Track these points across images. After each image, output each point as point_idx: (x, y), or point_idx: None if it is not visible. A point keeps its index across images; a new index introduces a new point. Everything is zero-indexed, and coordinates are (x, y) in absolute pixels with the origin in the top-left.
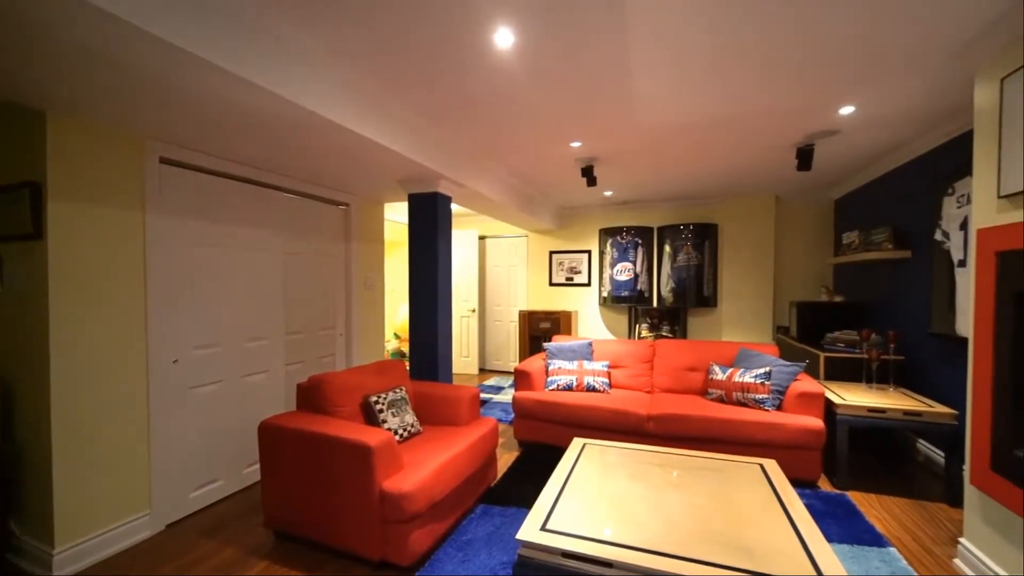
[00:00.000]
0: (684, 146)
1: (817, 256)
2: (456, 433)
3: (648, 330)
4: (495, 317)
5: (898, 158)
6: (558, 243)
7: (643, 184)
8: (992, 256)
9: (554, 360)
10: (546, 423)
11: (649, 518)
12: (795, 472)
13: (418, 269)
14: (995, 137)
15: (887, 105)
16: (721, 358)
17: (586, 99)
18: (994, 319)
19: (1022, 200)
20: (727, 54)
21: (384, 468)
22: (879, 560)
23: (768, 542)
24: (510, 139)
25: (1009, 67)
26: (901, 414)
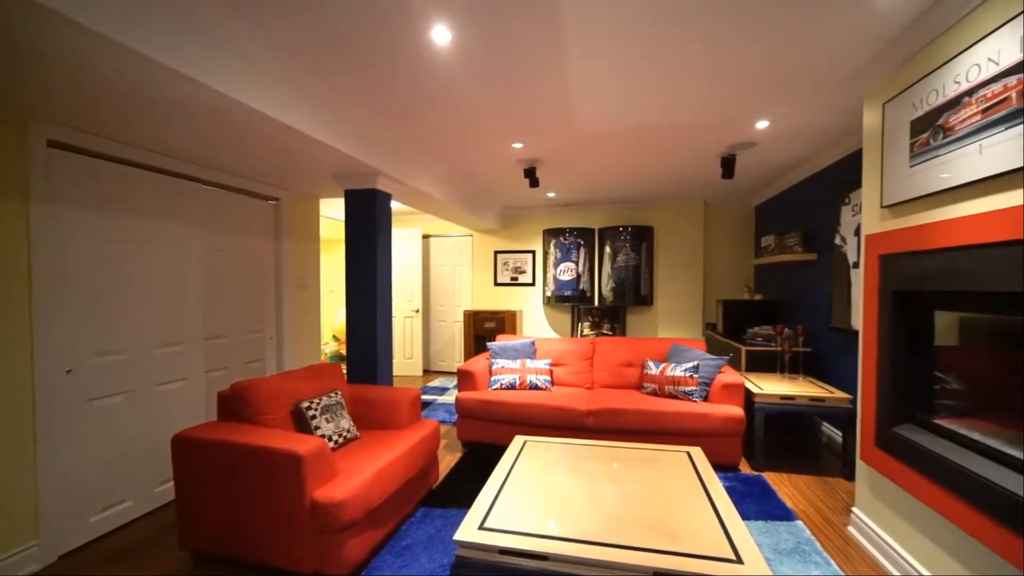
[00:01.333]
0: (621, 151)
1: (740, 257)
2: (396, 437)
3: (590, 328)
4: (440, 317)
5: (807, 169)
6: (503, 243)
7: (584, 186)
8: (876, 259)
9: (497, 359)
10: (489, 422)
11: (585, 510)
12: (719, 457)
13: (355, 268)
14: (878, 154)
15: (796, 122)
16: (655, 354)
17: (526, 101)
18: (878, 314)
19: (900, 210)
20: (657, 67)
21: (316, 477)
22: (787, 533)
23: (692, 525)
24: (453, 137)
25: (890, 93)
26: (808, 400)
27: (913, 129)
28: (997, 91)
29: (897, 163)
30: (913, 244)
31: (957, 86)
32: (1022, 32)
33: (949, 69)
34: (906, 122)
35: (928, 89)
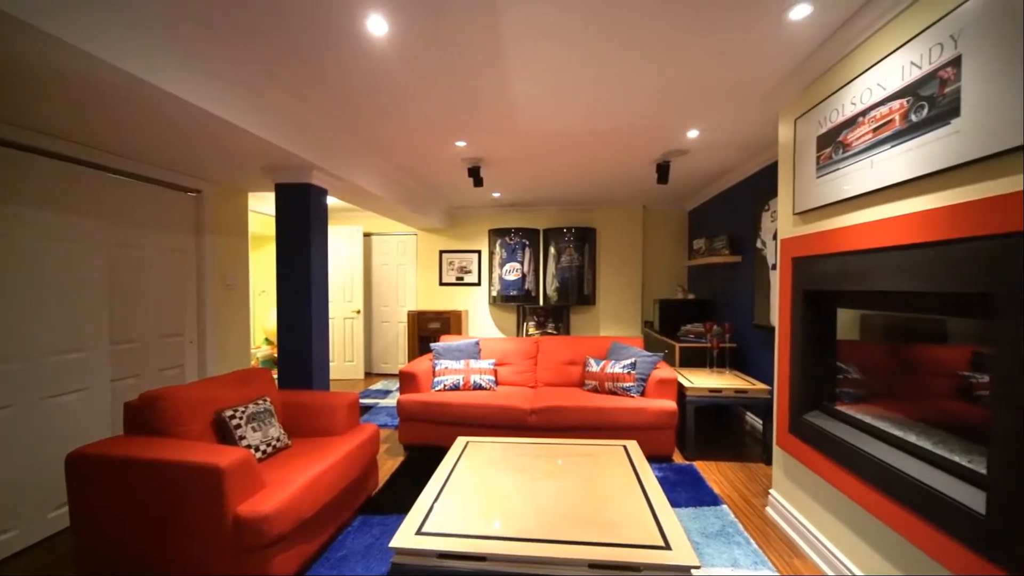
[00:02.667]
0: (563, 154)
1: (675, 259)
2: (331, 443)
3: (535, 328)
4: (382, 318)
5: (733, 177)
6: (448, 242)
7: (529, 187)
8: (789, 261)
9: (441, 360)
10: (433, 424)
11: (524, 507)
12: (655, 449)
13: (287, 267)
14: (791, 166)
15: (723, 132)
16: (596, 352)
17: (468, 99)
18: (791, 312)
19: (809, 217)
20: (594, 73)
21: (239, 490)
22: (714, 517)
23: (626, 516)
24: (394, 134)
25: (800, 110)
26: (733, 392)
27: (819, 144)
28: (884, 113)
29: (806, 174)
30: (819, 248)
31: (853, 107)
32: (902, 63)
33: (847, 91)
34: (813, 137)
35: (831, 108)
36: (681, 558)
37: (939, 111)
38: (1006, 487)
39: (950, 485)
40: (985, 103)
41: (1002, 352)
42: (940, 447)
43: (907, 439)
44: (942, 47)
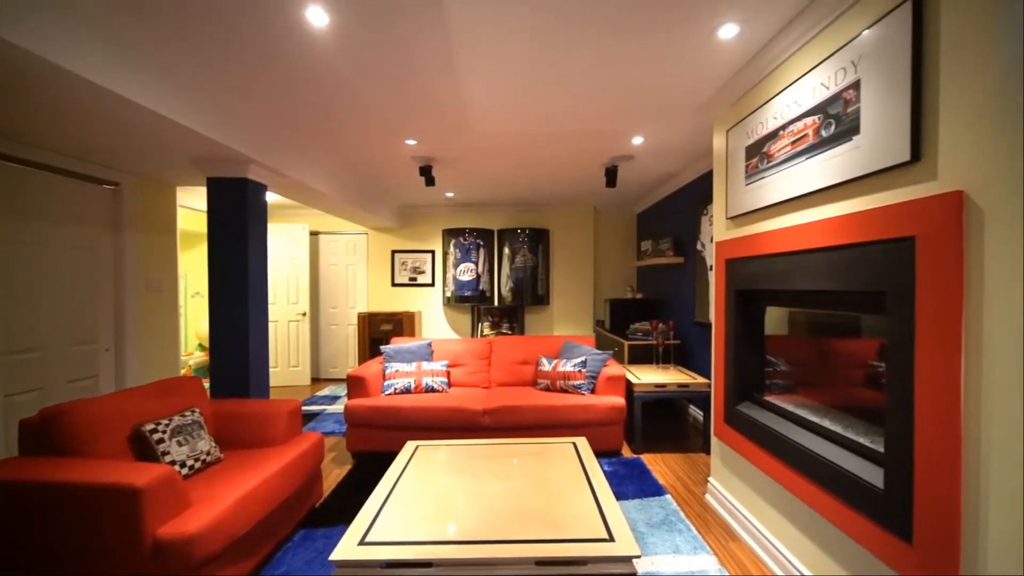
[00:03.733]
0: (515, 155)
1: (625, 260)
2: (269, 455)
3: (490, 328)
4: (331, 320)
5: (676, 183)
6: (401, 242)
7: (483, 188)
8: (723, 262)
9: (392, 363)
10: (383, 430)
11: (472, 509)
12: (604, 444)
13: (221, 267)
14: (724, 173)
15: (665, 140)
16: (548, 351)
17: (418, 98)
18: (725, 309)
19: (739, 221)
20: (544, 78)
21: (160, 511)
22: (658, 507)
23: (574, 512)
24: (340, 130)
25: (731, 122)
26: (676, 387)
27: (747, 154)
28: (800, 128)
29: (737, 181)
30: (748, 250)
31: (775, 121)
32: (814, 84)
33: (770, 107)
34: (742, 147)
35: (757, 122)
36: (623, 549)
37: (843, 128)
38: (898, 463)
39: (856, 464)
40: (879, 123)
41: (893, 344)
42: (849, 430)
43: (823, 424)
44: (845, 71)
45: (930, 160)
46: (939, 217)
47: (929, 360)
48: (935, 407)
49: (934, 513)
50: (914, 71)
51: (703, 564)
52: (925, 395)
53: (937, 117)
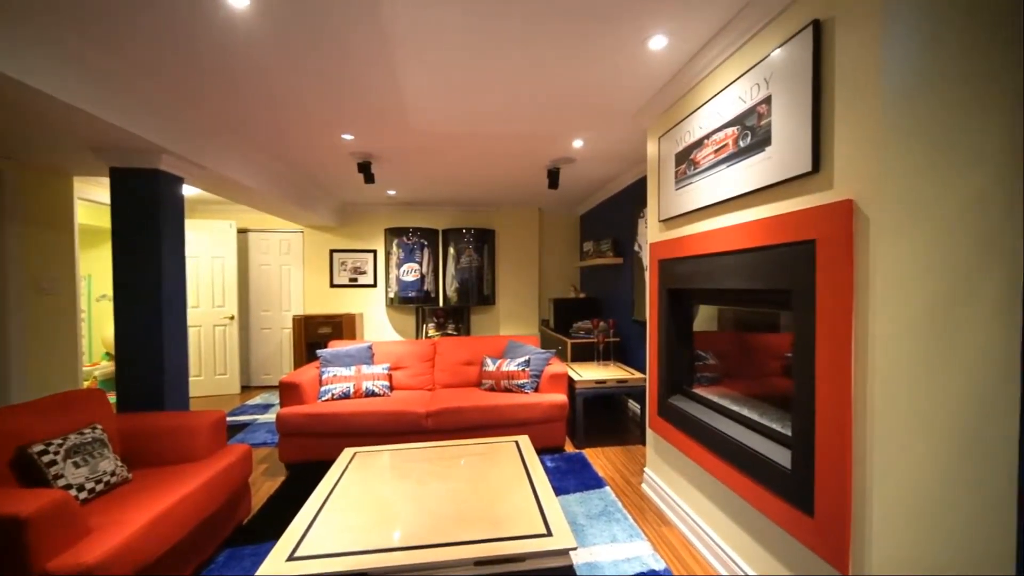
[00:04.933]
0: (459, 155)
1: (569, 260)
2: (187, 471)
3: (435, 329)
4: (263, 324)
5: (615, 186)
6: (340, 241)
7: (426, 187)
8: (656, 263)
9: (329, 368)
10: (319, 438)
11: (412, 514)
12: (548, 441)
13: (128, 267)
14: (656, 178)
15: (604, 144)
16: (493, 351)
17: (353, 92)
18: (658, 308)
19: (670, 224)
20: (480, 77)
21: (51, 542)
22: (598, 499)
23: (514, 509)
24: (268, 121)
25: (662, 130)
26: (615, 383)
27: (676, 160)
28: (722, 138)
29: (668, 186)
30: (678, 252)
31: (701, 130)
32: (734, 96)
33: (696, 117)
34: (672, 154)
35: (685, 130)
36: (560, 542)
37: (758, 140)
38: (802, 446)
39: (769, 448)
40: (786, 136)
41: (797, 337)
42: (765, 417)
43: (742, 413)
44: (759, 87)
45: (827, 171)
46: (834, 223)
47: (827, 352)
48: (831, 394)
49: (831, 489)
50: (814, 90)
51: (638, 550)
52: (824, 383)
53: (833, 133)
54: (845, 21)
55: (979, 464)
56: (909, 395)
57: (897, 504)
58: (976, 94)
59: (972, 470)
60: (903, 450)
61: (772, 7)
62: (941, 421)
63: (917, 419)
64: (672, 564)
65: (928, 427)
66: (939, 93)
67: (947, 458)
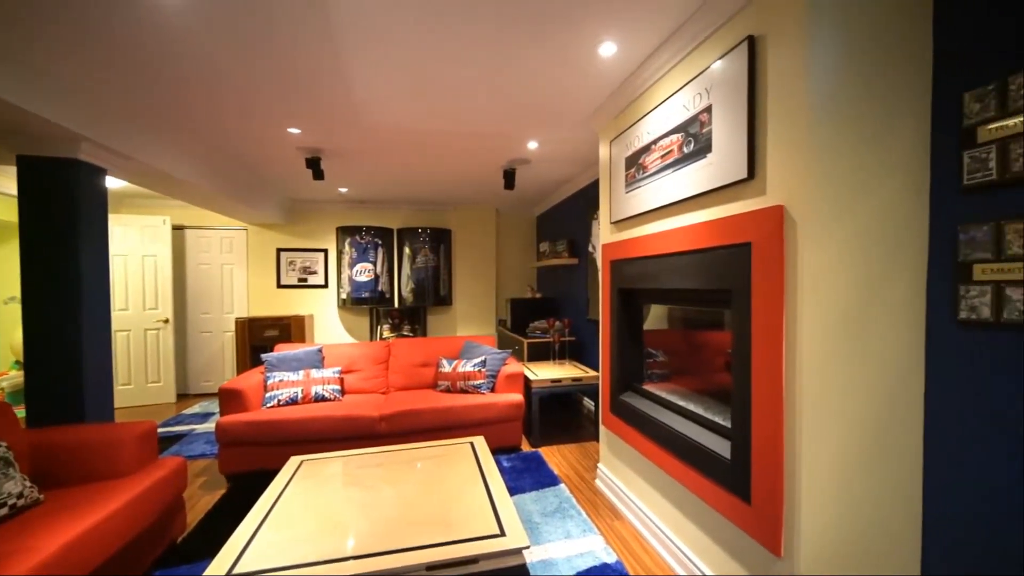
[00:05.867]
0: (413, 153)
1: (526, 260)
2: (111, 489)
3: (390, 330)
4: (202, 327)
5: (570, 188)
6: (288, 239)
7: (379, 185)
8: (608, 263)
9: (275, 373)
10: (264, 446)
11: (362, 522)
12: (504, 440)
13: (40, 266)
14: (608, 181)
15: (558, 146)
16: (449, 352)
17: (299, 84)
18: (610, 307)
19: (621, 226)
20: (432, 75)
21: None
22: (553, 496)
23: (468, 511)
24: (205, 111)
25: (614, 134)
26: (571, 381)
27: (627, 164)
28: (667, 144)
29: (619, 189)
30: (628, 253)
31: (649, 136)
32: (679, 104)
33: (644, 123)
34: (623, 158)
35: (634, 135)
36: (513, 542)
37: (700, 146)
38: (740, 437)
39: (712, 440)
40: (726, 143)
41: (736, 334)
42: (709, 411)
43: (688, 407)
44: (701, 96)
45: (761, 178)
46: (767, 227)
47: (762, 348)
48: (765, 388)
49: (765, 477)
50: (749, 101)
51: (591, 545)
52: (759, 378)
53: (766, 142)
54: (775, 38)
55: (888, 447)
56: (830, 388)
57: (821, 488)
58: (888, 111)
59: (882, 453)
60: (825, 438)
61: (712, 21)
62: (856, 411)
63: (836, 409)
64: (623, 556)
65: (845, 416)
66: (856, 108)
67: (861, 443)
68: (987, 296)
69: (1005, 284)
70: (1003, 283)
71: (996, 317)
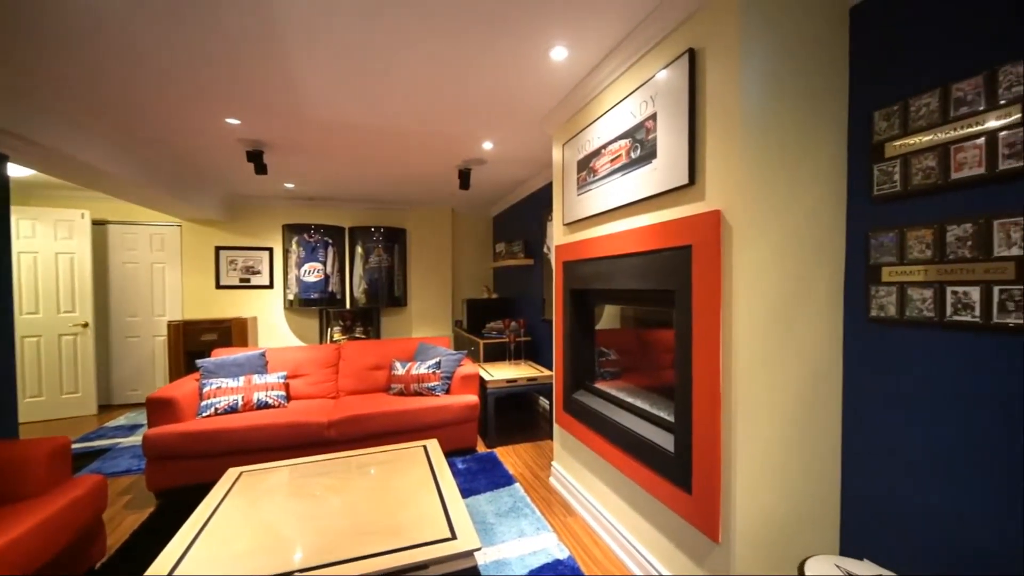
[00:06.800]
0: (364, 149)
1: (482, 260)
2: (12, 514)
3: (341, 333)
4: (128, 332)
5: (526, 189)
6: (229, 237)
7: (330, 182)
8: (561, 264)
9: (212, 379)
10: (198, 459)
11: (306, 534)
12: (460, 442)
13: None
14: (561, 183)
15: (513, 148)
16: (403, 354)
17: (234, 69)
18: (563, 307)
19: (574, 227)
20: (381, 70)
21: None
22: (508, 496)
23: (419, 516)
24: (125, 94)
25: (566, 138)
26: (526, 381)
27: (579, 167)
28: (616, 148)
29: (571, 191)
30: (580, 254)
31: (599, 140)
32: (626, 111)
33: (594, 128)
34: (575, 161)
35: (585, 139)
36: (464, 544)
37: (646, 152)
38: (683, 430)
39: (658, 435)
40: (669, 150)
41: (679, 332)
42: (655, 407)
43: (636, 404)
44: (647, 104)
45: (701, 184)
46: (706, 230)
47: (702, 344)
48: (705, 383)
49: (705, 467)
50: (690, 110)
51: (544, 543)
52: (700, 373)
53: (705, 150)
54: (713, 52)
55: (812, 435)
56: (761, 381)
57: (754, 476)
58: (810, 124)
59: (806, 440)
60: (757, 428)
61: (657, 32)
62: (784, 402)
63: (767, 401)
64: (575, 551)
65: (774, 407)
66: (784, 122)
67: (788, 432)
68: (893, 296)
69: (907, 285)
70: (906, 284)
71: (900, 315)
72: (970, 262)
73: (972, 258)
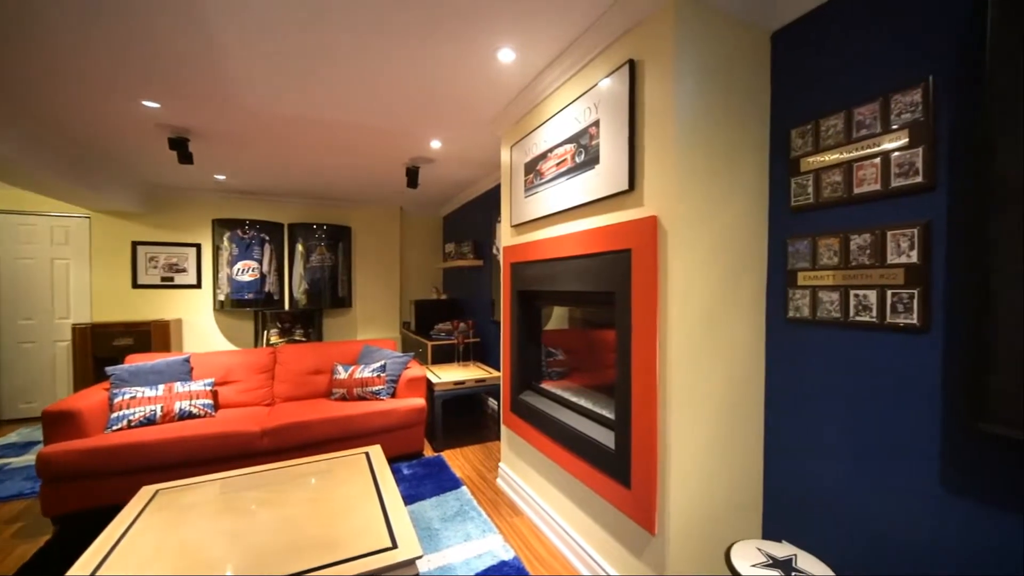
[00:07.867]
0: (304, 142)
1: (431, 261)
2: None
3: (279, 335)
4: (22, 337)
5: (475, 190)
6: (148, 231)
7: (267, 175)
8: (509, 266)
9: (125, 389)
10: (107, 478)
11: (232, 554)
12: (406, 447)
13: None
14: (509, 184)
15: (461, 148)
16: (346, 357)
17: (152, 47)
18: (510, 309)
19: (521, 229)
20: (319, 62)
21: None
22: (454, 499)
23: (359, 527)
24: (21, 71)
25: (514, 140)
26: (474, 382)
27: (526, 169)
28: (562, 153)
29: (518, 193)
30: (527, 256)
31: (546, 144)
32: (571, 116)
33: (540, 132)
34: (523, 163)
35: (533, 142)
36: (405, 553)
37: (590, 157)
38: (622, 427)
39: (599, 432)
40: (611, 157)
41: (619, 332)
42: (598, 405)
43: (579, 403)
44: (591, 111)
45: (639, 190)
46: (644, 235)
47: (640, 344)
48: (643, 382)
49: (643, 462)
50: (630, 119)
51: (490, 545)
52: (638, 371)
53: (644, 157)
54: (651, 64)
55: (737, 428)
56: (693, 378)
57: (686, 469)
58: (737, 137)
59: (732, 434)
60: (690, 423)
61: (601, 41)
62: (713, 398)
63: (699, 397)
64: (520, 551)
65: (705, 403)
66: (713, 134)
67: (717, 426)
68: (807, 298)
69: (819, 288)
70: (817, 287)
71: (813, 315)
72: (868, 268)
73: (870, 265)
